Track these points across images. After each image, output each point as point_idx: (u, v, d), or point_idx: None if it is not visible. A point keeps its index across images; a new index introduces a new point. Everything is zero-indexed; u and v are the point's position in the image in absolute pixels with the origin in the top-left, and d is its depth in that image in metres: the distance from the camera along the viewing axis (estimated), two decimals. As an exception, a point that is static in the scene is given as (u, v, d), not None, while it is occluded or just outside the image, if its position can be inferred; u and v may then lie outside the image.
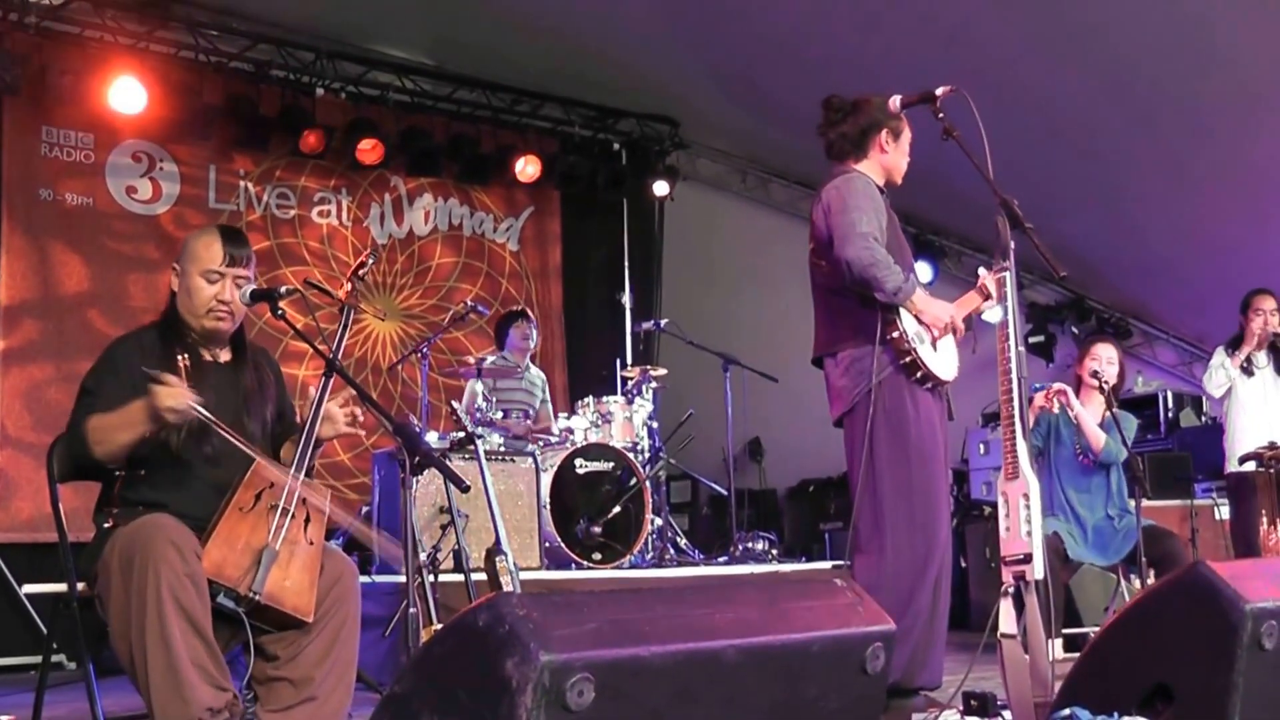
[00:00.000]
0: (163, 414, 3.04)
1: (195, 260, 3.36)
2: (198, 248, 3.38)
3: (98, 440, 3.12)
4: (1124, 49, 7.22)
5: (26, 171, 7.84)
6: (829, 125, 4.39)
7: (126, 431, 3.10)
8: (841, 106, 4.36)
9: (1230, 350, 6.61)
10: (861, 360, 4.17)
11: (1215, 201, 8.42)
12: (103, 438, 3.12)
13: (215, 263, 3.35)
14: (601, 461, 6.99)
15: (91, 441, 3.13)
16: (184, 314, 3.38)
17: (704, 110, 10.08)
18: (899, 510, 4.12)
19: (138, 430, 3.09)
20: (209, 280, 3.34)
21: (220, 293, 3.35)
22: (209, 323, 3.37)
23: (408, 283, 9.44)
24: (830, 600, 2.30)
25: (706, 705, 1.99)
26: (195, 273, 3.35)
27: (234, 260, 3.37)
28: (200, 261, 3.35)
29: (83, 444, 3.14)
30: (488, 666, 1.80)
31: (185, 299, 3.36)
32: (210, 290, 3.34)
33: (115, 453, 3.14)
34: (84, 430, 3.13)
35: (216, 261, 3.35)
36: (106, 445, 3.13)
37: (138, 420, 3.07)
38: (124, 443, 3.12)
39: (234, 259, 3.37)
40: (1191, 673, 2.61)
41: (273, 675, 3.16)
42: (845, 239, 4.07)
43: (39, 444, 6.87)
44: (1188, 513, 7.14)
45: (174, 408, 3.03)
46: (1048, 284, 10.46)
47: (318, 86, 8.75)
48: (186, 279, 3.36)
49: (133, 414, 3.08)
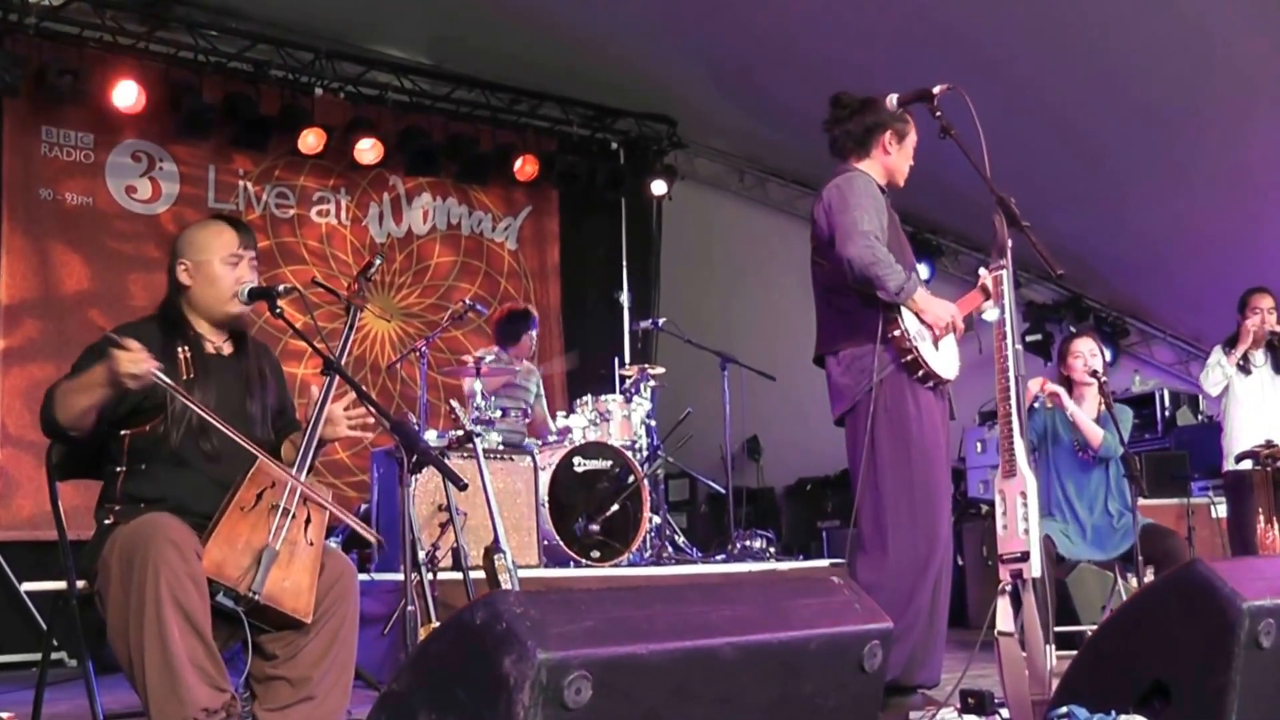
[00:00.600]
0: (122, 379, 3.01)
1: (209, 249, 3.38)
2: (207, 237, 3.40)
3: (60, 405, 3.12)
4: (1121, 48, 7.23)
5: (27, 171, 7.84)
6: (835, 122, 4.40)
7: (84, 395, 3.09)
8: (849, 104, 4.37)
9: (1228, 349, 6.61)
10: (863, 359, 4.17)
11: (1213, 200, 8.42)
12: (64, 401, 3.12)
13: (233, 247, 3.39)
14: (600, 460, 6.99)
15: (56, 405, 3.13)
16: (203, 305, 3.39)
17: (702, 110, 10.09)
18: (900, 509, 4.13)
19: (95, 394, 3.08)
20: (231, 265, 3.37)
21: (242, 276, 3.38)
22: (234, 308, 3.40)
23: (406, 281, 9.44)
24: (827, 598, 2.31)
25: (704, 703, 2.00)
26: (215, 261, 3.37)
27: (246, 243, 3.42)
28: (215, 249, 3.38)
29: (49, 407, 3.14)
30: (485, 664, 1.80)
31: (207, 289, 3.37)
32: (233, 275, 3.38)
33: (76, 418, 3.12)
34: (51, 396, 3.14)
35: (234, 246, 3.39)
36: (66, 409, 3.12)
37: (96, 383, 3.06)
38: (82, 406, 3.10)
39: (246, 242, 3.42)
40: (1189, 671, 2.62)
41: (271, 674, 3.16)
42: (847, 238, 4.07)
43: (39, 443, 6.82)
44: (1184, 511, 7.15)
45: (133, 373, 3.01)
46: (1045, 283, 10.45)
47: (316, 86, 8.75)
48: (205, 269, 3.37)
49: (92, 377, 3.07)
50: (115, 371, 3.01)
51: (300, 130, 8.52)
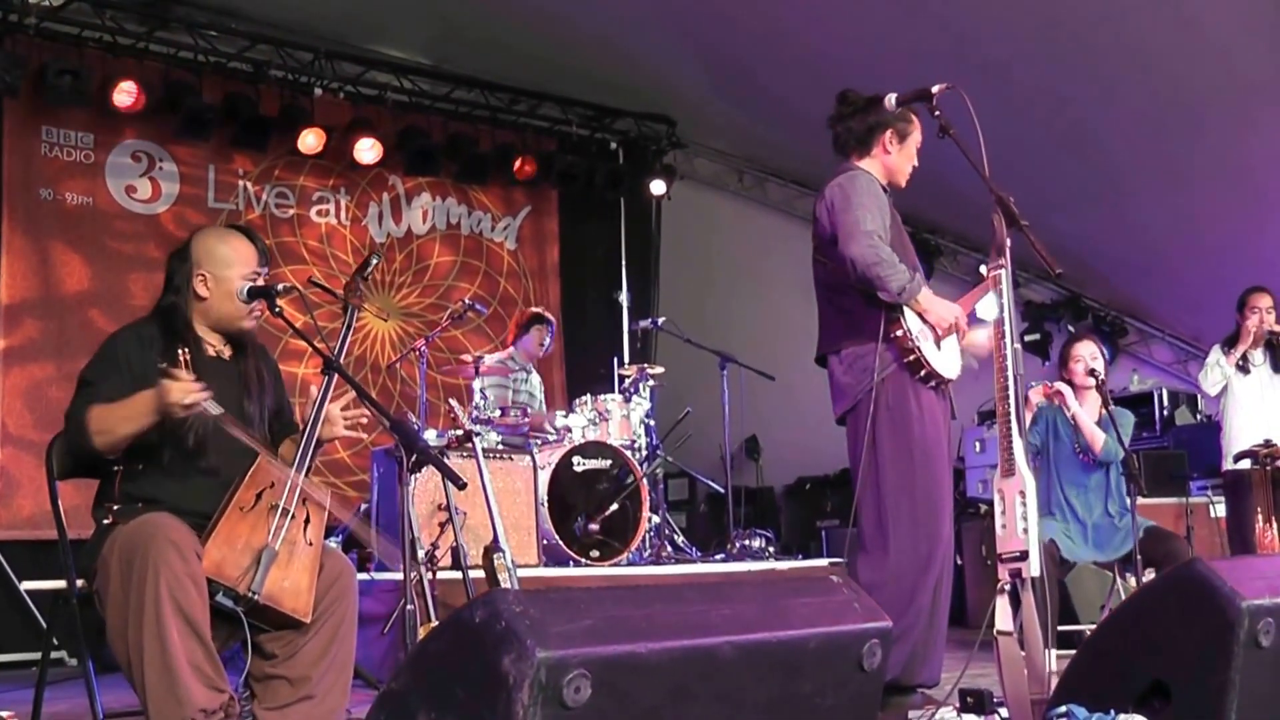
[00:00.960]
0: (172, 409, 3.03)
1: (230, 264, 3.39)
2: (227, 251, 3.41)
3: (99, 430, 3.11)
4: (1119, 47, 7.23)
5: (27, 172, 7.84)
6: (838, 119, 4.39)
7: (130, 423, 3.09)
8: (854, 101, 4.36)
9: (1226, 348, 6.61)
10: (864, 358, 4.17)
11: (1212, 199, 8.42)
12: (105, 428, 3.11)
13: (253, 264, 3.41)
14: (599, 459, 7.00)
15: (93, 431, 3.11)
16: (216, 316, 3.40)
17: (701, 110, 10.09)
18: (902, 508, 4.13)
19: (142, 422, 3.09)
20: (250, 282, 3.38)
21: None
22: (248, 323, 3.43)
23: (406, 281, 9.45)
24: (827, 597, 2.31)
25: (703, 702, 2.00)
26: (236, 277, 3.38)
27: (264, 261, 3.45)
28: (236, 265, 3.39)
29: (83, 434, 3.12)
30: (484, 663, 1.80)
31: (225, 303, 3.38)
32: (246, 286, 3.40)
33: (116, 443, 3.13)
34: (85, 420, 3.12)
35: (254, 263, 3.41)
36: (108, 436, 3.11)
37: (142, 412, 3.07)
38: (126, 434, 3.11)
39: (264, 259, 3.45)
40: (1188, 670, 2.62)
41: (270, 673, 3.17)
42: (849, 237, 4.07)
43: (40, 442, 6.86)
44: (1184, 510, 7.14)
45: (185, 404, 3.03)
46: (1044, 282, 10.44)
47: (316, 86, 8.76)
48: (225, 284, 3.38)
49: (138, 405, 3.07)
50: (167, 402, 3.03)
51: (300, 130, 8.53)
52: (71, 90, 7.61)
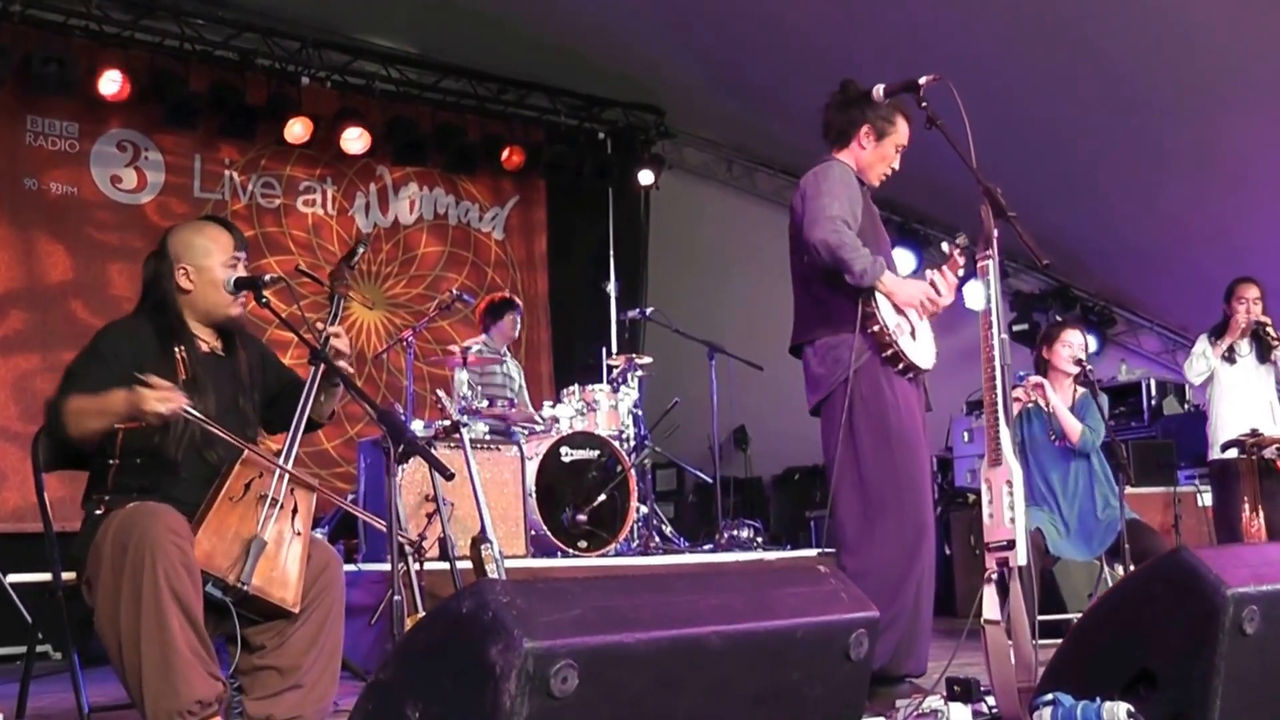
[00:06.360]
0: (146, 416, 3.05)
1: (209, 253, 3.39)
2: (205, 241, 3.41)
3: (73, 421, 3.13)
4: (1101, 38, 7.23)
5: (11, 161, 7.81)
6: (829, 107, 4.40)
7: (100, 419, 3.11)
8: (850, 93, 4.35)
9: (1213, 338, 6.62)
10: (838, 348, 4.17)
11: (1198, 190, 8.44)
12: (77, 420, 3.13)
13: (231, 250, 3.42)
14: (587, 449, 6.99)
15: (68, 421, 3.13)
16: (204, 308, 3.40)
17: (690, 99, 10.08)
18: (887, 499, 4.13)
19: (111, 419, 3.11)
20: (230, 268, 3.40)
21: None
22: (235, 310, 3.43)
23: (393, 271, 9.44)
24: (814, 587, 2.31)
25: (690, 692, 2.00)
26: (216, 265, 3.38)
27: (240, 245, 3.46)
28: (215, 253, 3.40)
29: (59, 422, 3.15)
30: (472, 653, 1.80)
31: (210, 293, 3.39)
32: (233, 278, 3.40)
33: (86, 435, 3.16)
34: (63, 408, 3.14)
35: (231, 249, 3.42)
36: (79, 427, 3.14)
37: (114, 410, 3.08)
38: (95, 428, 3.13)
39: (240, 244, 3.46)
40: (1174, 657, 2.63)
41: (259, 664, 3.18)
42: (814, 222, 4.08)
43: (25, 434, 6.84)
44: (1171, 499, 7.16)
45: (160, 412, 3.04)
46: (1032, 272, 10.46)
47: (303, 76, 8.73)
48: (207, 273, 3.38)
49: (111, 402, 3.08)
50: (140, 409, 3.04)
51: (287, 120, 8.51)
52: (57, 79, 7.57)
